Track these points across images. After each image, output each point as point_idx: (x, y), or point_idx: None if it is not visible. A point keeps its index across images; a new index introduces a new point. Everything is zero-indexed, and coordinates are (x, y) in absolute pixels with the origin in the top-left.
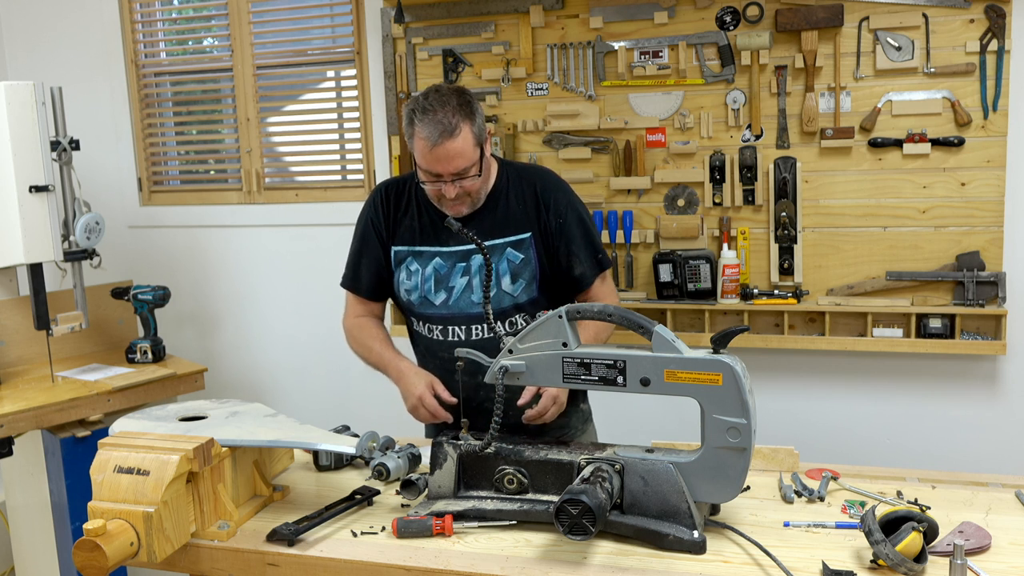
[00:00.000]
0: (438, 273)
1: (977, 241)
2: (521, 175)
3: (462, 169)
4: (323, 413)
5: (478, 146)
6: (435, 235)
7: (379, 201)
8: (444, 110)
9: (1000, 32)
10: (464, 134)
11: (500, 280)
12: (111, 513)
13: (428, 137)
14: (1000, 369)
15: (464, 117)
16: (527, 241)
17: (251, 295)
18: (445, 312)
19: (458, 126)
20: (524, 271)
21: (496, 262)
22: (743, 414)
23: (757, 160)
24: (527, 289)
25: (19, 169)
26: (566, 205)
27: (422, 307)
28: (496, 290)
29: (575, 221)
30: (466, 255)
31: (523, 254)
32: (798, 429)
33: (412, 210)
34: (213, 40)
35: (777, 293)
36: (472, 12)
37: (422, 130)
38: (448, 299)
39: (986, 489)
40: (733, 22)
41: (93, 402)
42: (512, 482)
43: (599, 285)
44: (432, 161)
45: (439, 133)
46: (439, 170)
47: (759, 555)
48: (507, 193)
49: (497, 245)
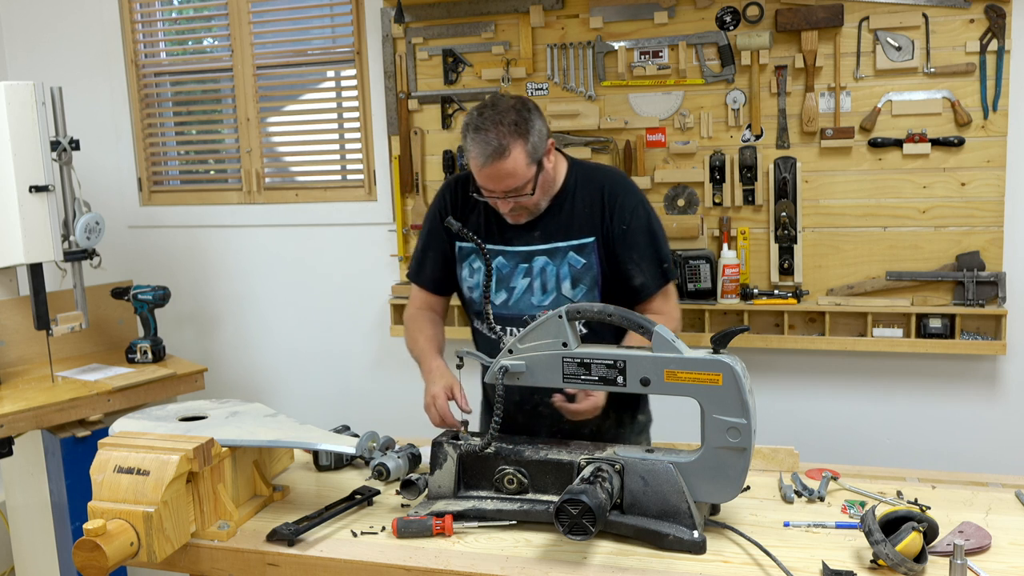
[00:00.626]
0: (500, 272)
1: (977, 241)
2: (590, 177)
3: (513, 188)
4: (323, 413)
5: (533, 164)
6: (500, 234)
7: (448, 196)
8: (497, 129)
9: (1000, 32)
10: (515, 155)
11: (560, 284)
12: (111, 513)
13: (478, 156)
14: (1000, 369)
15: (517, 137)
16: (590, 246)
17: (251, 295)
18: (505, 312)
19: (508, 147)
20: (585, 276)
21: (557, 265)
22: (743, 414)
23: (757, 160)
24: (588, 295)
25: (19, 169)
26: (632, 210)
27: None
28: (556, 294)
29: (641, 228)
30: (528, 256)
31: (585, 259)
32: (798, 429)
33: (479, 207)
34: (213, 40)
35: (777, 293)
36: (472, 12)
37: (473, 148)
38: (508, 299)
39: (986, 489)
40: (733, 22)
41: (93, 402)
42: (512, 482)
43: (661, 299)
44: (483, 179)
45: (488, 154)
46: (491, 188)
47: (759, 555)
48: (574, 195)
49: (560, 248)
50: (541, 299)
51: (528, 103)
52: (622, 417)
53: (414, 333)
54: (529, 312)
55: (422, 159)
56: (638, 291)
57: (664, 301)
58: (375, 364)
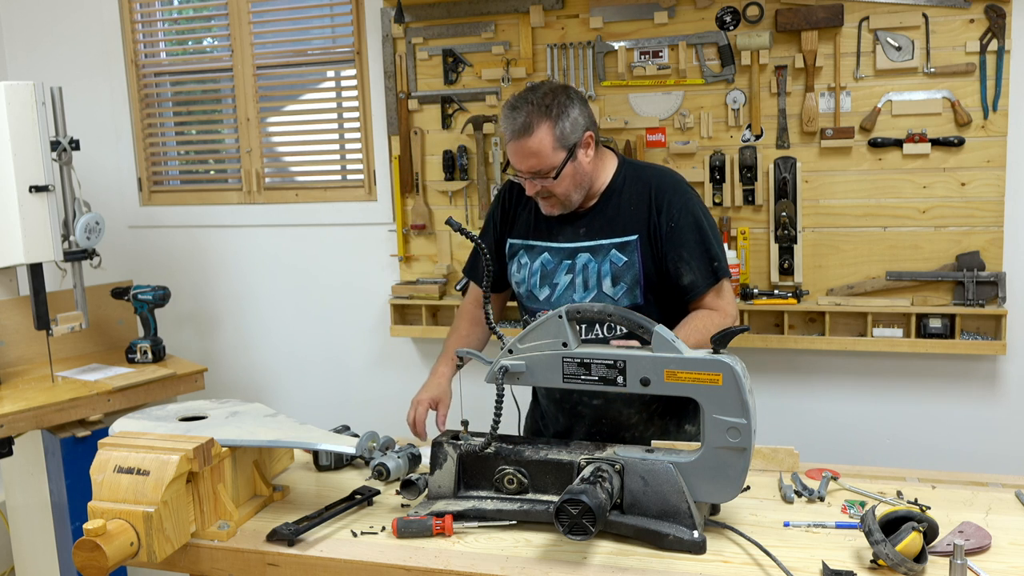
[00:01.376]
0: (544, 268)
1: (977, 241)
2: (639, 174)
3: (536, 169)
4: (323, 413)
5: (562, 149)
6: (547, 230)
7: (504, 194)
8: (526, 108)
9: (1000, 32)
10: (540, 135)
11: (601, 282)
12: (111, 513)
13: (505, 131)
14: (1000, 369)
15: (545, 118)
16: (633, 244)
17: (251, 295)
18: (547, 308)
19: (533, 126)
20: (626, 274)
21: (599, 263)
22: (743, 414)
23: (757, 160)
24: (628, 293)
25: (19, 169)
26: (681, 208)
27: (529, 301)
28: (596, 292)
29: (690, 226)
30: (572, 253)
31: (627, 256)
32: (798, 429)
33: (531, 204)
34: (213, 40)
35: (777, 293)
36: (472, 12)
37: (503, 123)
38: (551, 295)
39: (986, 489)
40: (733, 22)
41: (93, 402)
42: (512, 482)
43: (713, 296)
44: (510, 155)
45: (514, 129)
46: (516, 165)
47: (759, 555)
48: (621, 192)
49: (603, 245)
50: (583, 295)
51: (571, 91)
52: (667, 425)
53: (452, 328)
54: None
55: (422, 159)
56: (688, 289)
57: (716, 297)
58: (375, 364)
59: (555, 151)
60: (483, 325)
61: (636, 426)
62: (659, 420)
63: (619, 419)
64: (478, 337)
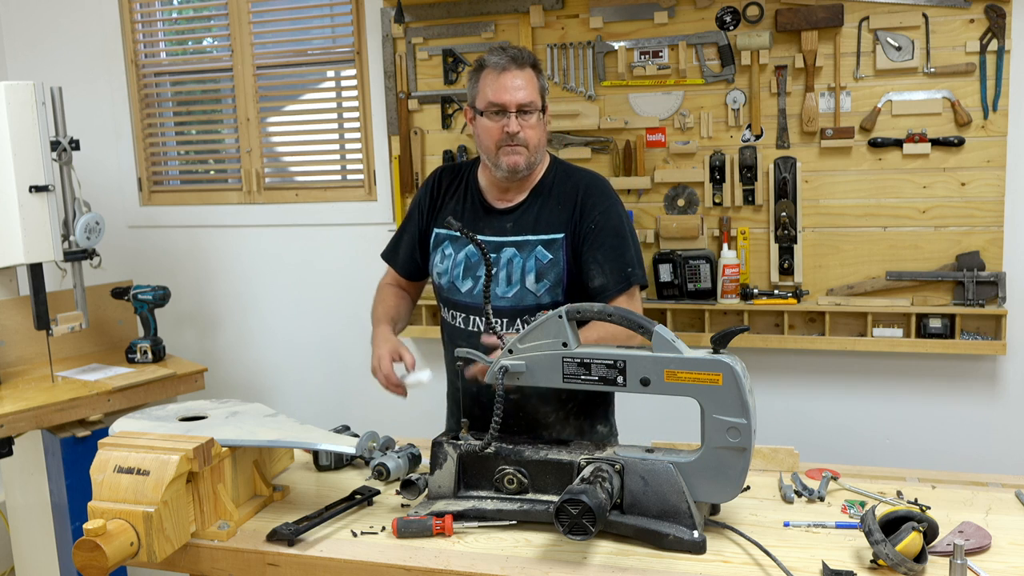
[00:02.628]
0: (468, 260)
1: (977, 241)
2: (569, 175)
3: (527, 102)
4: (323, 413)
5: (541, 97)
6: (475, 223)
7: (432, 183)
8: (514, 50)
9: (1000, 32)
10: (531, 74)
11: (525, 278)
12: (111, 513)
13: (496, 65)
14: (1000, 369)
15: (534, 64)
16: (559, 242)
17: (251, 295)
18: (469, 301)
19: (528, 64)
20: (550, 272)
21: (524, 258)
22: (743, 414)
23: (757, 160)
24: (551, 291)
25: (19, 169)
26: (604, 212)
27: (450, 292)
28: (519, 287)
29: (610, 229)
30: (498, 247)
31: (552, 255)
32: (798, 429)
33: (459, 194)
34: (213, 40)
35: (777, 293)
36: (472, 12)
37: (491, 59)
38: (474, 288)
39: (986, 489)
40: (733, 22)
41: (93, 402)
42: (512, 482)
43: (624, 301)
44: (499, 89)
45: (509, 60)
46: (505, 99)
47: (759, 555)
48: (550, 190)
49: (529, 241)
50: (505, 290)
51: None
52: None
53: (375, 303)
54: (492, 302)
55: (422, 159)
56: (597, 292)
57: (627, 303)
58: None
59: (538, 94)
60: (405, 300)
61: (553, 425)
62: (575, 420)
63: (535, 416)
64: (403, 309)
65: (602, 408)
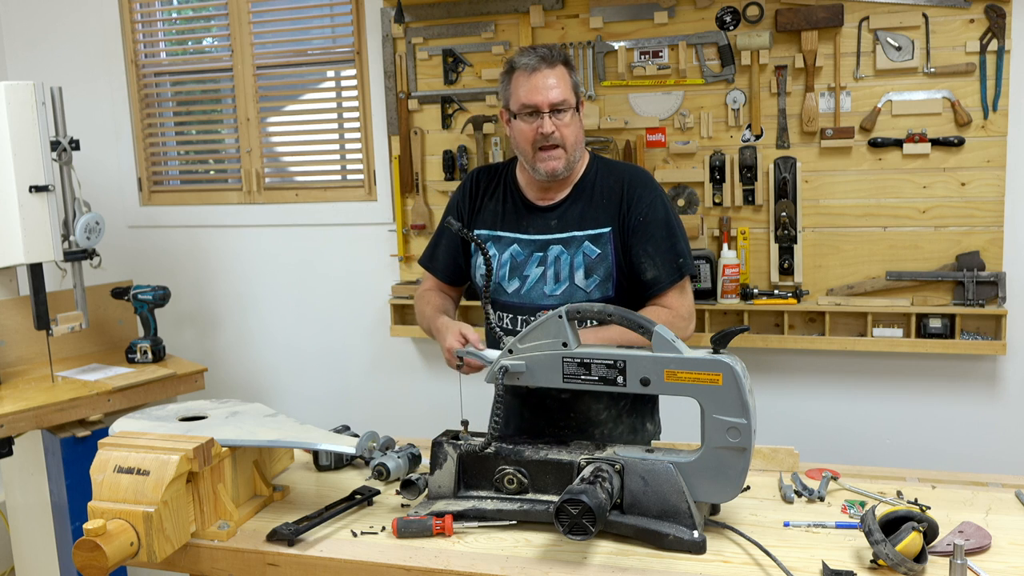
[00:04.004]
0: (514, 260)
1: (977, 241)
2: (611, 169)
3: (560, 101)
4: (323, 413)
5: (575, 94)
6: (517, 222)
7: (468, 185)
8: (545, 49)
9: (1000, 32)
10: (563, 71)
11: (574, 274)
12: (111, 513)
13: (527, 65)
14: (1000, 369)
15: (565, 61)
16: (606, 236)
17: (251, 295)
18: (516, 301)
19: (559, 61)
20: (599, 267)
21: (572, 254)
22: (743, 414)
23: (757, 160)
24: (601, 286)
25: (19, 169)
26: (650, 203)
27: (495, 293)
28: (568, 284)
29: (658, 221)
30: (544, 245)
31: (600, 249)
32: (798, 429)
33: (499, 194)
34: (213, 40)
35: (777, 293)
36: (472, 12)
37: (522, 60)
38: (521, 288)
39: (986, 489)
40: (733, 22)
41: (93, 402)
42: (512, 482)
43: (676, 293)
44: (530, 90)
45: (539, 60)
46: (537, 100)
47: (759, 555)
48: (593, 185)
49: (576, 237)
50: (553, 288)
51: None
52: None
53: (422, 307)
54: (541, 302)
55: (422, 159)
56: (650, 284)
57: (678, 296)
58: (375, 364)
59: (571, 92)
60: (448, 300)
61: (605, 423)
62: (627, 418)
63: (588, 414)
64: (451, 308)
65: (650, 405)
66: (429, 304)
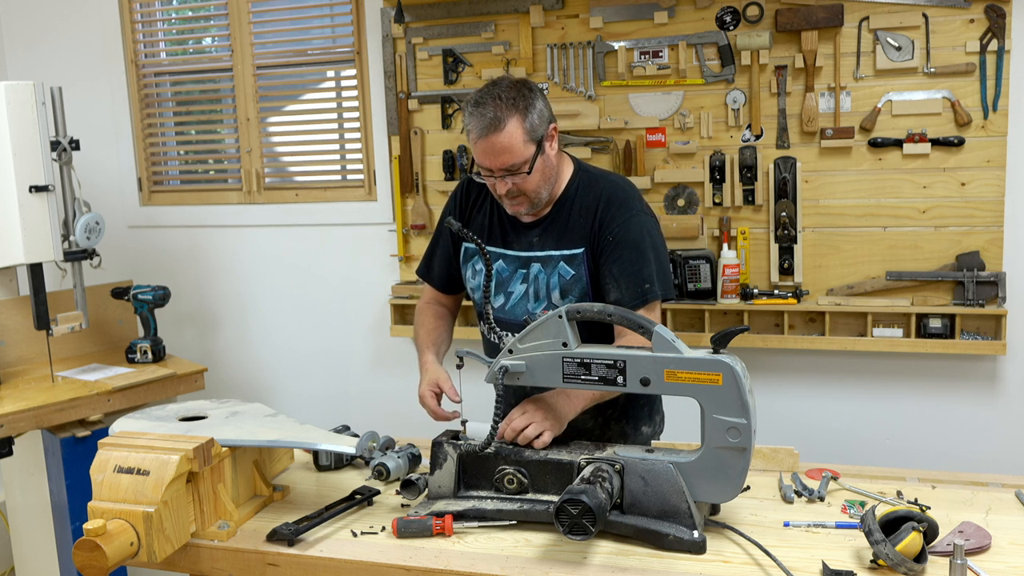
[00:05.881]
0: (499, 276)
1: (977, 241)
2: (592, 185)
3: (509, 165)
4: (323, 413)
5: (532, 142)
6: (502, 237)
7: (459, 195)
8: (494, 103)
9: (1000, 32)
10: (511, 128)
11: (551, 294)
12: (111, 513)
13: (474, 129)
14: (1000, 369)
15: (514, 111)
16: (579, 257)
17: (251, 295)
18: (502, 316)
19: (504, 120)
20: (574, 288)
21: (549, 274)
22: (743, 414)
23: (757, 160)
24: None
25: (19, 169)
26: (623, 223)
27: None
28: (546, 303)
29: (628, 243)
30: (527, 262)
31: (574, 270)
32: (798, 429)
33: (486, 207)
34: (213, 40)
35: (777, 293)
36: (472, 12)
37: (471, 122)
38: (506, 304)
39: (986, 489)
40: (733, 22)
41: (93, 402)
42: (512, 482)
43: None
44: (480, 154)
45: (484, 126)
46: (487, 164)
47: (759, 555)
48: (572, 202)
49: (552, 256)
50: (535, 306)
51: (531, 84)
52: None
53: (416, 327)
54: (524, 318)
55: (422, 159)
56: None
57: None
58: (375, 364)
59: (526, 144)
60: (445, 319)
61: (592, 431)
62: (616, 424)
63: (574, 423)
64: (444, 329)
65: (646, 408)
66: (423, 327)
